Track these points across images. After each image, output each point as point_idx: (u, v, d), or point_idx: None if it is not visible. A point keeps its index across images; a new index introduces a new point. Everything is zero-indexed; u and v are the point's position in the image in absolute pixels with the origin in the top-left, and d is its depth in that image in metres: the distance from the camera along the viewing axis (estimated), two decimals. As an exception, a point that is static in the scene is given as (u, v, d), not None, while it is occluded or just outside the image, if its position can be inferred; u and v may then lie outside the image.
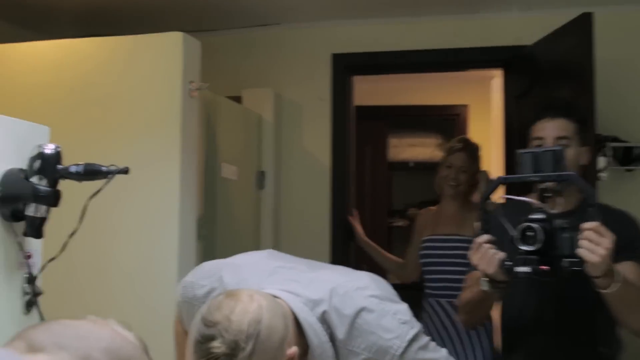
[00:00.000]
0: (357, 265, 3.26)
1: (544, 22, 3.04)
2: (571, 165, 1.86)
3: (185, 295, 1.59)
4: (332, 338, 1.38)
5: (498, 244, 1.74)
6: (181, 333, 1.63)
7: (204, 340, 1.19)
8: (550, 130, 1.95)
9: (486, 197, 1.77)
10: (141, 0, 3.26)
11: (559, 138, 1.93)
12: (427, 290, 3.08)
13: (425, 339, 1.46)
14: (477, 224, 1.78)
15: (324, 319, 1.38)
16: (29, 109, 2.54)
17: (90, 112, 2.63)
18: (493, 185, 1.79)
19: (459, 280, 2.92)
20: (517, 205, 1.78)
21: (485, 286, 1.77)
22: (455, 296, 2.94)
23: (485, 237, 1.75)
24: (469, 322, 2.26)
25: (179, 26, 2.68)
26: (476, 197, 3.13)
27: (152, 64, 2.59)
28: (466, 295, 2.03)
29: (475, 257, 1.76)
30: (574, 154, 1.92)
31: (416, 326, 1.45)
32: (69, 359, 0.78)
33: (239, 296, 1.25)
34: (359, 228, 3.51)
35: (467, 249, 2.92)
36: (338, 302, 1.40)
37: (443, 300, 3.00)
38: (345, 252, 3.43)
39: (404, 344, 1.39)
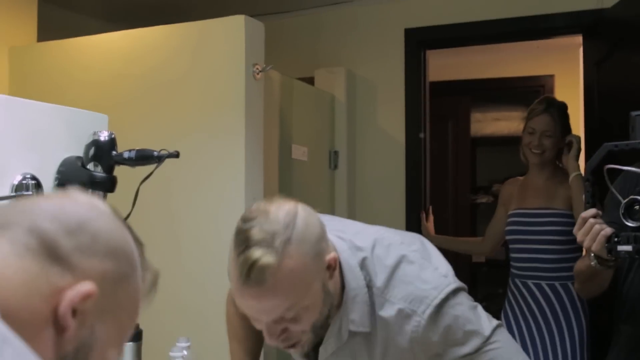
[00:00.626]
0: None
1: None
2: None
3: None
4: (370, 285, 1.38)
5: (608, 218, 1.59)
6: (233, 313, 1.65)
7: (243, 231, 1.23)
8: None
9: (592, 166, 1.59)
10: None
11: None
12: (513, 270, 2.84)
13: (470, 301, 1.42)
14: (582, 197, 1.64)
15: (364, 264, 1.39)
16: (101, 98, 2.65)
17: (157, 98, 2.70)
18: (600, 152, 1.59)
19: (549, 260, 2.77)
20: (630, 176, 1.60)
21: (593, 262, 1.65)
22: (544, 278, 2.77)
23: (592, 211, 1.59)
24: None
25: (252, 10, 2.67)
26: (571, 163, 2.71)
27: (216, 48, 2.62)
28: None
29: (580, 233, 1.60)
30: None
31: (457, 283, 1.41)
32: (15, 236, 0.73)
33: (274, 199, 1.30)
34: (429, 227, 3.33)
35: (558, 224, 2.81)
36: (380, 252, 1.41)
37: (530, 282, 2.76)
38: (420, 231, 3.37)
39: (442, 295, 1.36)
